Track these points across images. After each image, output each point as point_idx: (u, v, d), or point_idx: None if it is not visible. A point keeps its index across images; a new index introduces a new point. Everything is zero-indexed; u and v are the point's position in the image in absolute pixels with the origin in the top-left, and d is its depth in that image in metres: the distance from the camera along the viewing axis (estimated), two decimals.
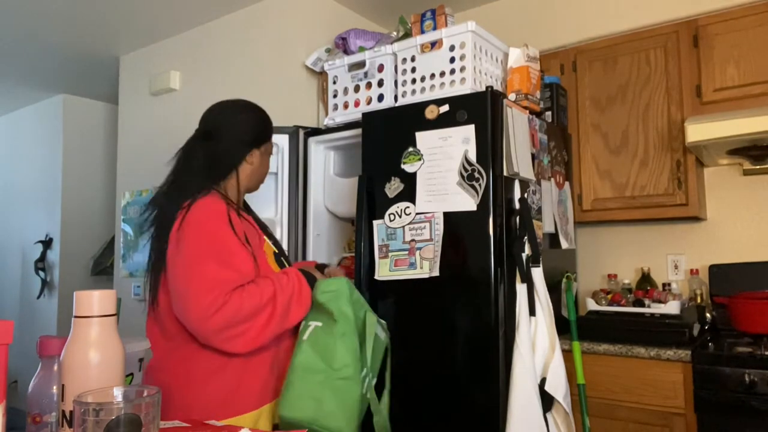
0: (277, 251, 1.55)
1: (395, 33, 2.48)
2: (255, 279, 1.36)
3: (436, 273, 1.95)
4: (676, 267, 2.57)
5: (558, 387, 1.87)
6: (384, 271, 2.05)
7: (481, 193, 1.89)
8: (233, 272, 1.31)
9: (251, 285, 1.33)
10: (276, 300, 1.34)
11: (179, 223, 1.33)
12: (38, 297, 4.50)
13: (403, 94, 2.21)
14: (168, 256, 1.33)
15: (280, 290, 1.36)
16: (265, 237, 1.52)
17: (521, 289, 1.91)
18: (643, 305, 2.22)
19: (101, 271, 4.37)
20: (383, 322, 1.50)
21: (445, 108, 2.00)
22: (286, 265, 1.55)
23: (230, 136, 1.52)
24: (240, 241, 1.37)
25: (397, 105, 2.22)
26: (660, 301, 2.21)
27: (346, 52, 2.59)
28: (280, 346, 1.45)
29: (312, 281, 1.44)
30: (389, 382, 1.52)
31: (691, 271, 2.47)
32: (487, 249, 1.87)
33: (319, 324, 1.38)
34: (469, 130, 1.93)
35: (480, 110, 1.93)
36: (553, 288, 2.16)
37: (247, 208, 1.62)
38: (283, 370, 1.42)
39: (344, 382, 1.33)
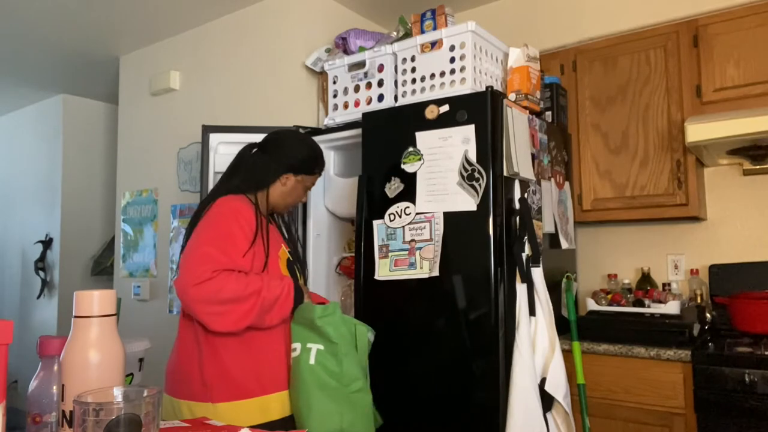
0: (291, 259, 1.68)
1: (395, 33, 2.48)
2: (249, 272, 1.48)
3: (436, 273, 1.95)
4: (676, 267, 2.57)
5: (558, 387, 1.87)
6: (384, 271, 2.05)
7: (481, 193, 1.89)
8: (224, 256, 1.43)
9: (240, 274, 1.46)
10: (261, 294, 1.47)
11: (207, 214, 1.53)
12: (38, 297, 4.50)
13: (403, 94, 2.22)
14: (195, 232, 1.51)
15: (267, 288, 1.49)
16: (283, 244, 1.69)
17: (521, 289, 1.91)
18: (643, 305, 2.22)
19: (101, 271, 4.37)
20: (368, 326, 1.64)
21: (445, 108, 2.00)
22: (297, 273, 1.69)
23: (275, 154, 1.70)
24: (245, 236, 1.49)
25: (397, 105, 2.22)
26: (660, 301, 2.22)
27: (346, 52, 2.59)
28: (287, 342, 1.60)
29: (299, 296, 1.59)
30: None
31: (691, 271, 2.47)
32: (487, 249, 1.87)
33: (321, 347, 1.53)
34: (469, 130, 1.93)
35: (480, 110, 1.93)
36: (553, 288, 2.16)
37: (272, 218, 1.78)
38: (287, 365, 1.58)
39: (357, 395, 1.53)
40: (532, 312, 1.91)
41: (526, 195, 2.02)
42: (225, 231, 1.47)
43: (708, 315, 2.34)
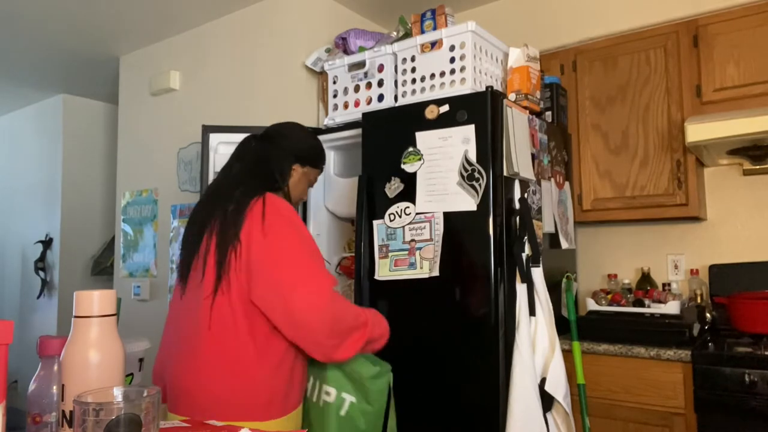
0: None
1: (395, 33, 2.48)
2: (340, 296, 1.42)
3: (436, 273, 1.95)
4: (676, 267, 2.57)
5: (558, 387, 1.87)
6: (384, 271, 2.05)
7: (481, 193, 1.89)
8: (328, 273, 1.38)
9: (347, 300, 1.43)
10: (368, 327, 1.46)
11: (261, 212, 1.37)
12: (38, 297, 4.50)
13: (403, 94, 2.22)
14: (253, 243, 1.35)
15: (373, 323, 1.49)
16: None
17: (521, 289, 1.91)
18: (643, 305, 2.22)
19: (101, 271, 4.37)
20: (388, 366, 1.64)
21: (445, 108, 2.00)
22: None
23: (281, 143, 1.62)
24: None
25: (397, 105, 2.22)
26: (660, 301, 2.21)
27: (346, 52, 2.59)
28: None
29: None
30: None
31: (691, 271, 2.47)
32: (487, 249, 1.87)
33: (354, 400, 1.53)
34: (469, 130, 1.93)
35: (480, 110, 1.93)
36: (553, 288, 2.16)
37: None
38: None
39: None
40: (532, 312, 1.91)
41: (526, 195, 2.02)
42: (308, 237, 1.41)
43: (708, 315, 2.34)
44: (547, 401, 1.88)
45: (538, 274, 1.93)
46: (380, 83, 2.29)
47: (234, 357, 1.35)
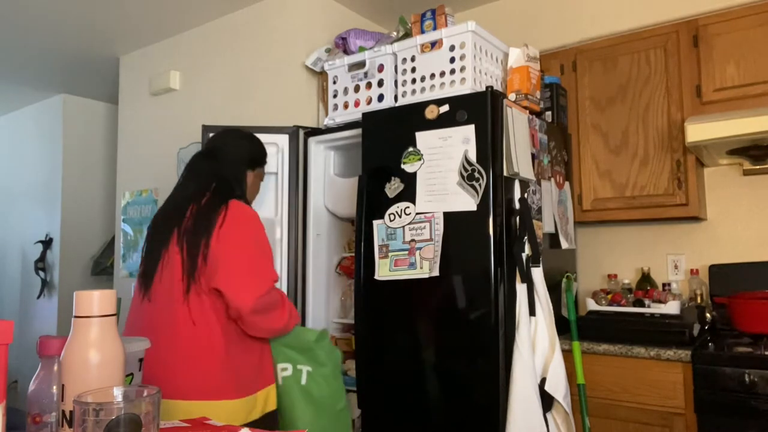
0: None
1: (395, 33, 2.48)
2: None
3: (436, 273, 1.95)
4: (676, 267, 2.57)
5: (558, 387, 1.87)
6: (384, 271, 2.05)
7: (481, 193, 1.89)
8: (273, 272, 1.63)
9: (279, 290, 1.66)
10: (287, 303, 1.69)
11: (222, 219, 1.57)
12: (38, 297, 4.50)
13: (403, 94, 2.21)
14: (214, 244, 1.55)
15: (291, 311, 1.70)
16: None
17: (521, 289, 1.91)
18: (643, 305, 2.22)
19: (101, 271, 4.37)
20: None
21: (445, 108, 2.00)
22: None
23: (229, 156, 1.78)
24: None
25: (397, 105, 2.22)
26: (660, 301, 2.21)
27: (346, 52, 2.59)
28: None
29: None
30: None
31: (691, 271, 2.47)
32: (487, 249, 1.87)
33: (309, 369, 1.73)
34: (469, 130, 1.93)
35: (480, 110, 1.93)
36: (553, 288, 2.16)
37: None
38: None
39: (342, 412, 1.75)
40: (532, 312, 1.91)
41: (526, 195, 2.02)
42: (264, 240, 1.64)
43: (708, 315, 2.34)
44: (547, 401, 1.88)
45: (538, 274, 1.93)
46: (380, 83, 2.29)
47: (207, 344, 1.54)
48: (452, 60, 2.08)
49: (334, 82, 2.45)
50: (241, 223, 1.59)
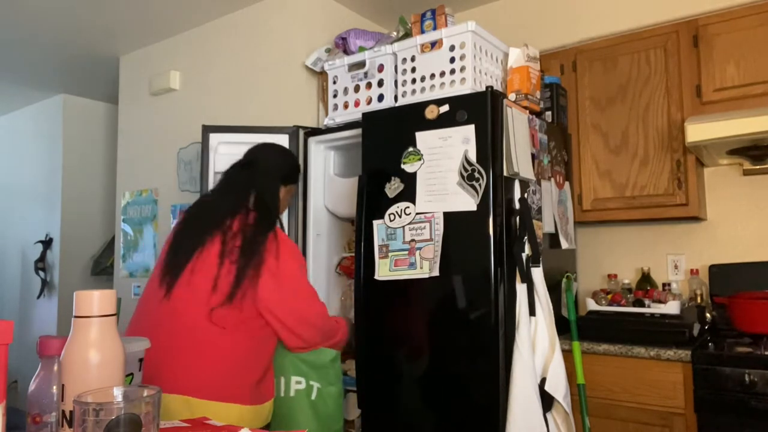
0: None
1: (395, 33, 2.48)
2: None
3: (436, 273, 1.95)
4: (676, 267, 2.57)
5: (558, 387, 1.87)
6: (384, 271, 2.05)
7: (481, 193, 1.89)
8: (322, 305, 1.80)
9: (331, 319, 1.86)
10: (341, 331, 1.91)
11: (277, 250, 1.67)
12: (38, 297, 4.50)
13: (403, 94, 2.21)
14: (268, 267, 1.64)
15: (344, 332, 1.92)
16: None
17: (521, 289, 1.91)
18: (643, 305, 2.22)
19: (101, 271, 4.37)
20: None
21: (445, 108, 2.00)
22: None
23: (266, 168, 1.86)
24: None
25: (397, 105, 2.22)
26: (660, 301, 2.21)
27: (346, 52, 2.59)
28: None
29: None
30: None
31: (691, 271, 2.47)
32: (487, 249, 1.87)
33: (319, 386, 1.83)
34: (469, 130, 1.93)
35: (480, 110, 1.93)
36: (553, 288, 2.16)
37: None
38: None
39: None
40: (532, 312, 1.91)
41: (526, 195, 2.02)
42: (305, 270, 1.81)
43: (708, 315, 2.34)
44: (547, 401, 1.88)
45: (538, 274, 1.93)
46: (380, 83, 2.29)
47: (231, 351, 1.60)
48: (452, 60, 2.08)
49: (334, 82, 2.45)
50: (295, 257, 1.72)
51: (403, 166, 2.07)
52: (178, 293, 1.61)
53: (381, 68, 2.29)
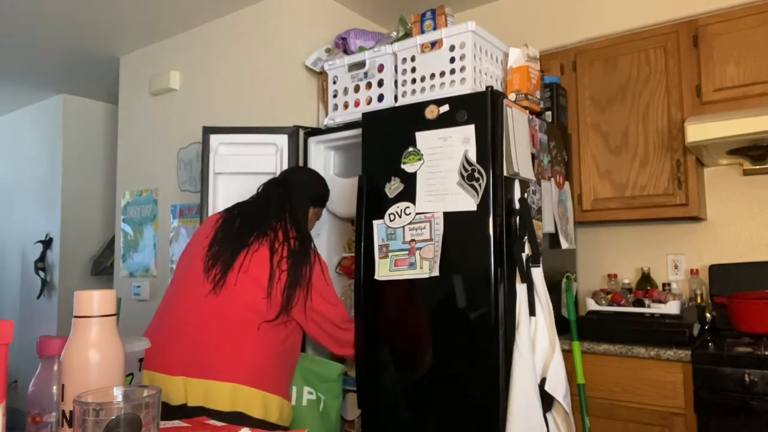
0: None
1: (395, 33, 2.48)
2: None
3: (436, 273, 1.95)
4: (676, 267, 2.57)
5: (558, 387, 1.87)
6: (384, 271, 2.05)
7: (481, 193, 1.89)
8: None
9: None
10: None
11: (321, 267, 1.85)
12: (38, 297, 4.50)
13: (403, 94, 2.21)
14: (315, 279, 1.82)
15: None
16: None
17: (521, 289, 1.91)
18: (643, 305, 2.22)
19: (101, 271, 4.37)
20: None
21: (445, 108, 2.00)
22: None
23: (300, 191, 2.00)
24: None
25: (397, 105, 2.22)
26: (660, 301, 2.21)
27: (346, 52, 2.59)
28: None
29: None
30: None
31: (691, 271, 2.47)
32: (487, 249, 1.87)
33: (325, 398, 1.99)
34: (469, 130, 1.93)
35: (480, 110, 1.93)
36: (553, 288, 2.16)
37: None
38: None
39: None
40: (532, 312, 1.91)
41: (526, 195, 2.02)
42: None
43: (708, 315, 2.34)
44: (547, 401, 1.88)
45: (538, 274, 1.93)
46: (380, 83, 2.29)
47: (269, 345, 1.74)
48: (452, 60, 2.08)
49: (334, 82, 2.45)
50: (326, 270, 1.89)
51: (403, 166, 2.07)
52: (229, 289, 1.72)
53: (381, 68, 2.29)
